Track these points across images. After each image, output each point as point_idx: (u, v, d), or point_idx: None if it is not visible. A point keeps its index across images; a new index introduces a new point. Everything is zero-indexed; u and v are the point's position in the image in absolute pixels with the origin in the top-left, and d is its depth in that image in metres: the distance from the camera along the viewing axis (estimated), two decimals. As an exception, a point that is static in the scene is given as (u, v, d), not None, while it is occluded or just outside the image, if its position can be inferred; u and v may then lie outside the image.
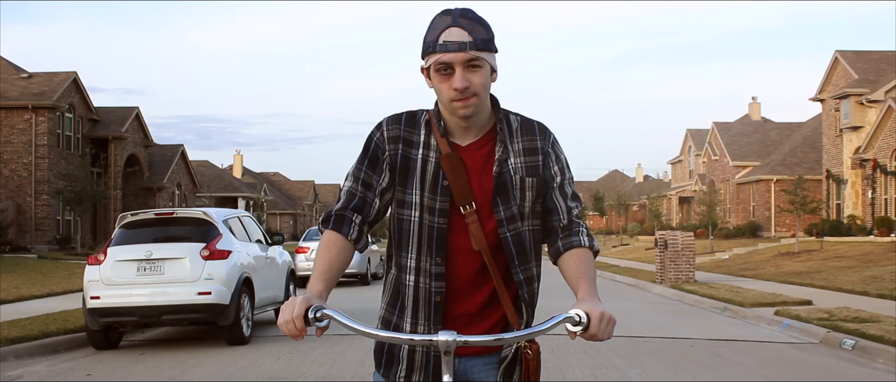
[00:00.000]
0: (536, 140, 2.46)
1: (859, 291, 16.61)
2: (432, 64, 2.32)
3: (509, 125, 2.45)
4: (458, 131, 2.41)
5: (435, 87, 2.36)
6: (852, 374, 8.73)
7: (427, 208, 2.39)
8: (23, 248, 33.75)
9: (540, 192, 2.44)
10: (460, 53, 2.27)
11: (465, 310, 2.41)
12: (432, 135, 2.41)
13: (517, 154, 2.42)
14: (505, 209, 2.40)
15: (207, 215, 11.50)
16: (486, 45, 2.31)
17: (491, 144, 2.42)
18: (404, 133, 2.43)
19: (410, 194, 2.41)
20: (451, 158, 2.38)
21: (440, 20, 2.31)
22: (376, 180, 2.42)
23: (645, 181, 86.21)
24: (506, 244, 2.40)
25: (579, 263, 2.38)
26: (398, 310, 2.47)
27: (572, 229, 2.45)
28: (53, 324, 11.87)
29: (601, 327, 2.17)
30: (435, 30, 2.31)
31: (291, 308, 2.16)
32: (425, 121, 2.44)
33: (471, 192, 2.38)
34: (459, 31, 2.28)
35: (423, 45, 2.34)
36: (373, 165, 2.43)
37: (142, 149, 44.08)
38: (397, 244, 2.46)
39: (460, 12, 2.31)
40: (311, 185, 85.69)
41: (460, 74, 2.28)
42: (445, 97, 2.34)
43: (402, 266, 2.44)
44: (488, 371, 2.43)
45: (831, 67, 39.61)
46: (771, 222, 44.14)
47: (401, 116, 2.46)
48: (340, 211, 2.41)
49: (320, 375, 8.51)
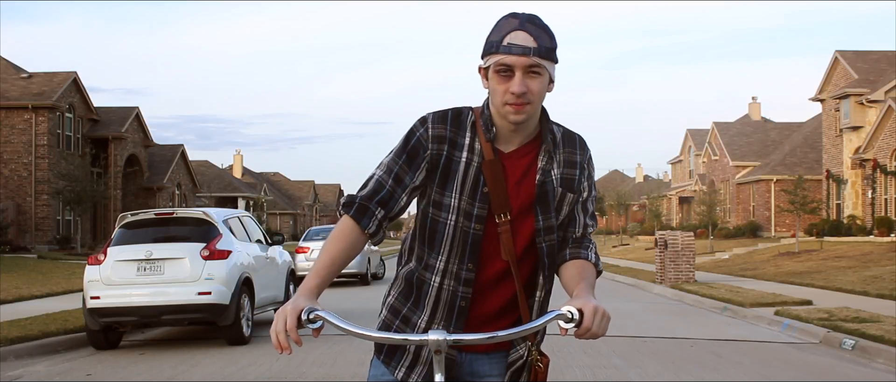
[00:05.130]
0: (576, 154, 2.45)
1: (859, 291, 16.60)
2: (492, 64, 2.28)
3: (553, 135, 2.43)
4: (505, 137, 2.37)
5: (491, 88, 2.32)
6: (852, 374, 8.72)
7: (464, 212, 2.36)
8: (23, 248, 33.73)
9: (572, 206, 2.45)
10: (523, 58, 2.24)
11: (482, 311, 2.41)
12: (477, 138, 2.37)
13: (559, 165, 2.41)
14: (544, 219, 2.39)
15: (207, 215, 11.50)
16: (549, 54, 2.28)
17: (534, 153, 2.40)
18: (450, 134, 2.37)
19: (449, 197, 2.37)
20: (493, 165, 2.34)
21: (507, 22, 2.28)
22: (410, 178, 2.36)
23: (645, 181, 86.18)
24: (541, 252, 2.40)
25: (580, 269, 2.39)
26: (412, 303, 2.44)
27: (582, 243, 2.46)
28: (53, 324, 11.87)
29: (595, 321, 2.14)
30: (500, 31, 2.28)
31: (283, 318, 2.12)
32: (471, 122, 2.39)
33: (508, 201, 2.35)
34: (525, 36, 2.25)
35: (486, 44, 2.30)
36: (411, 160, 2.37)
37: (142, 149, 44.07)
38: (428, 243, 2.41)
39: (528, 18, 2.28)
40: (310, 185, 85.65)
41: (520, 78, 2.25)
42: (500, 100, 2.30)
43: (430, 266, 2.41)
44: (492, 366, 2.44)
45: (831, 67, 39.61)
46: (771, 222, 44.14)
47: (446, 113, 2.40)
48: (365, 201, 2.35)
49: (320, 375, 8.51)
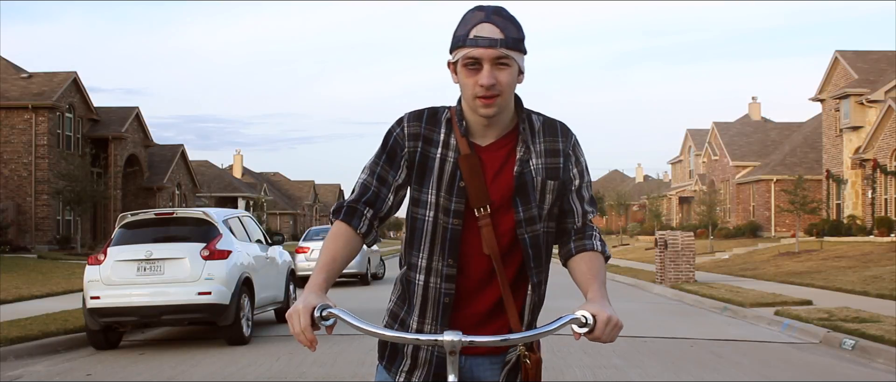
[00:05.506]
0: (558, 142, 2.42)
1: (859, 291, 16.60)
2: (460, 58, 2.28)
3: (531, 125, 2.41)
4: (479, 131, 2.38)
5: (460, 82, 2.32)
6: (852, 374, 8.72)
7: (442, 208, 2.37)
8: (23, 248, 33.73)
9: (559, 195, 2.42)
10: (490, 50, 2.24)
11: (474, 311, 2.40)
12: (452, 134, 2.38)
13: (539, 155, 2.39)
14: (524, 210, 2.37)
15: (207, 215, 11.50)
16: (516, 44, 2.27)
17: (511, 144, 2.39)
18: (425, 131, 2.39)
19: (426, 193, 2.39)
20: (469, 159, 2.35)
21: (473, 15, 2.28)
22: (392, 176, 2.40)
23: (645, 181, 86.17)
24: (524, 244, 2.38)
25: (590, 265, 2.37)
26: (407, 307, 2.46)
27: (586, 232, 2.44)
28: (53, 324, 11.87)
29: (606, 331, 2.17)
30: (466, 24, 2.28)
31: (297, 319, 2.14)
32: (446, 119, 2.40)
33: (487, 195, 2.35)
34: (491, 28, 2.25)
35: (453, 39, 2.31)
36: (390, 160, 2.40)
37: (142, 149, 44.07)
38: (411, 242, 2.44)
39: (494, 10, 2.29)
40: (310, 185, 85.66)
41: (488, 70, 2.25)
42: (469, 93, 2.30)
43: (413, 264, 2.43)
44: (494, 371, 2.43)
45: (831, 67, 39.61)
46: (771, 222, 44.15)
47: (423, 112, 2.42)
48: (353, 203, 2.40)
49: (320, 375, 8.51)
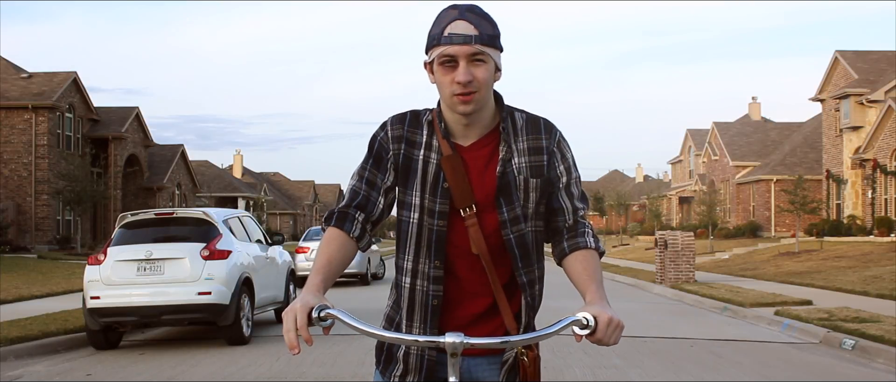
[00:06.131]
0: (542, 139, 2.39)
1: (859, 291, 16.60)
2: (436, 57, 2.27)
3: (514, 123, 2.39)
4: (460, 131, 2.37)
5: (437, 80, 2.31)
6: (852, 374, 8.72)
7: (427, 210, 2.36)
8: (23, 248, 33.73)
9: (544, 193, 2.40)
10: (465, 46, 2.23)
11: (467, 312, 2.39)
12: (434, 136, 2.38)
13: (521, 154, 2.37)
14: (508, 210, 2.36)
15: (207, 215, 11.50)
16: (491, 40, 2.27)
17: (494, 143, 2.37)
18: (407, 133, 2.39)
19: (411, 195, 2.38)
20: (452, 159, 2.34)
21: (447, 14, 2.29)
22: (381, 179, 2.41)
23: (645, 181, 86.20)
24: (509, 245, 2.36)
25: (586, 264, 2.35)
26: (399, 309, 2.46)
27: (578, 229, 2.42)
28: (53, 324, 11.87)
29: (608, 332, 2.16)
30: (440, 23, 2.28)
31: (294, 318, 2.10)
32: (428, 121, 2.40)
33: (471, 194, 2.33)
34: (465, 25, 2.25)
35: (428, 38, 2.30)
36: (377, 164, 2.41)
37: (142, 149, 44.07)
38: (399, 245, 2.44)
39: (467, 7, 2.29)
40: (310, 185, 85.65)
41: (464, 67, 2.24)
42: (447, 92, 2.29)
43: (401, 267, 2.43)
44: (492, 371, 2.42)
45: (831, 67, 39.61)
46: (771, 222, 44.14)
47: (405, 115, 2.43)
48: (343, 209, 2.40)
49: (320, 375, 8.50)
